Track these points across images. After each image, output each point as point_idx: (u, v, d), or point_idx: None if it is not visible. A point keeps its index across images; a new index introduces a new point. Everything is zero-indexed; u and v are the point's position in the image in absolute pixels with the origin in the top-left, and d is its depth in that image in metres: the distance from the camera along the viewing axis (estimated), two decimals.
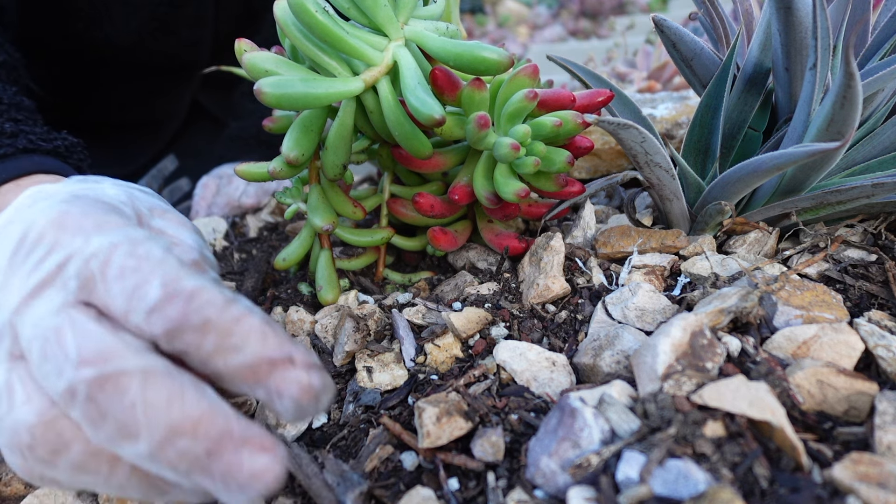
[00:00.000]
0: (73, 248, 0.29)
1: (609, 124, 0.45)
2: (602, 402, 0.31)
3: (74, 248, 0.29)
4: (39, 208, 0.32)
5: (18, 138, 0.46)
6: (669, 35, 0.53)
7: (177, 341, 0.28)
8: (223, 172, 0.87)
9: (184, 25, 0.93)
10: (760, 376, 0.33)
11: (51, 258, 0.29)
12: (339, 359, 0.44)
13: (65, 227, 0.30)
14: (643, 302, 0.42)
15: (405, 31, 0.44)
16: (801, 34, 0.44)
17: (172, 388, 0.27)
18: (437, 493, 0.32)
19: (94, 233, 0.30)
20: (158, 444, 0.26)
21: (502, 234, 0.54)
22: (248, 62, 0.42)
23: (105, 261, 0.29)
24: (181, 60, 0.99)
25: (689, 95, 0.80)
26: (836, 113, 0.38)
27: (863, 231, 0.48)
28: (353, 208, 0.53)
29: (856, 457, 0.27)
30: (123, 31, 0.87)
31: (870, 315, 0.39)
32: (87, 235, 0.30)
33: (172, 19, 0.91)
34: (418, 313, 0.47)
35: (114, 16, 0.86)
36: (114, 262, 0.29)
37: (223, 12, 0.98)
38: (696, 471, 0.27)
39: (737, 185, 0.46)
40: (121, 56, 0.91)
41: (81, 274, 0.29)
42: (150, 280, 0.28)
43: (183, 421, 0.26)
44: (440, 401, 0.35)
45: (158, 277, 0.28)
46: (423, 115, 0.41)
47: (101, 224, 0.31)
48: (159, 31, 0.91)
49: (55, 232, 0.30)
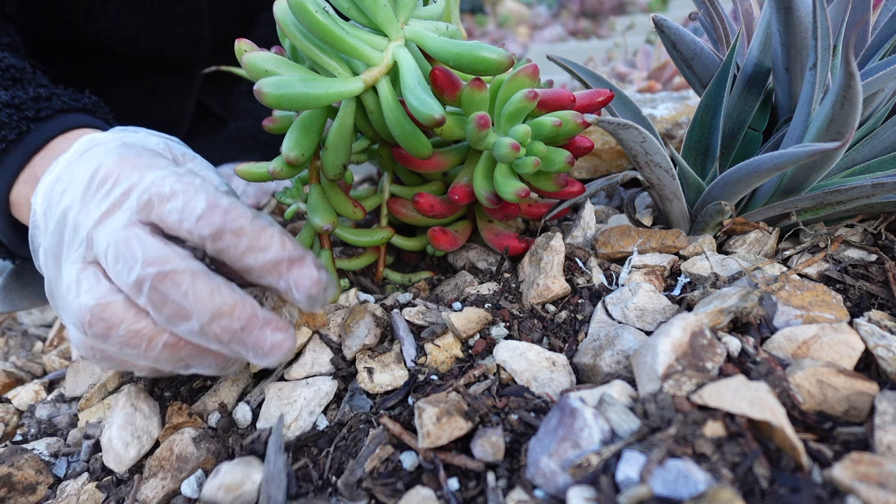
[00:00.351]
0: (132, 181, 0.39)
1: (609, 124, 0.45)
2: (602, 402, 0.31)
3: (133, 181, 0.39)
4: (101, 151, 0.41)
5: (53, 101, 0.53)
6: (669, 35, 0.53)
7: (220, 242, 0.38)
8: (223, 172, 0.87)
9: (178, 21, 0.93)
10: (760, 376, 0.33)
11: (116, 189, 0.39)
12: (352, 352, 0.44)
13: (125, 165, 0.39)
14: (643, 302, 0.42)
15: (405, 31, 0.44)
16: (801, 34, 0.44)
17: (212, 283, 0.37)
18: (437, 493, 0.32)
19: (147, 170, 0.39)
20: (207, 322, 0.36)
21: (502, 234, 0.54)
22: (248, 62, 0.42)
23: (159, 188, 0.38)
24: (179, 59, 0.98)
25: (689, 95, 0.80)
26: (836, 113, 0.38)
27: (863, 231, 0.48)
28: (353, 208, 0.53)
29: (856, 457, 0.27)
30: (117, 24, 0.88)
31: (870, 315, 0.39)
32: (142, 172, 0.39)
33: (165, 14, 0.91)
34: (418, 314, 0.47)
35: (107, 9, 0.86)
36: (165, 188, 0.38)
37: (218, 9, 0.98)
38: (696, 471, 0.27)
39: (737, 185, 0.46)
40: (117, 51, 0.92)
41: (140, 200, 0.38)
42: (196, 197, 0.38)
43: (222, 306, 0.36)
44: (440, 401, 0.35)
45: (203, 195, 0.38)
46: (422, 115, 0.40)
47: (151, 164, 0.40)
48: (153, 27, 0.91)
49: (119, 169, 0.39)
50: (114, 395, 0.48)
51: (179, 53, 0.98)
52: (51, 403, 0.51)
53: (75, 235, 0.39)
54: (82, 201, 0.39)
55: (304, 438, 0.39)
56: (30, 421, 0.50)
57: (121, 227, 0.37)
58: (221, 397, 0.46)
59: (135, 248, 0.36)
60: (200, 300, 0.36)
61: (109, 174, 0.39)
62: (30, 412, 0.51)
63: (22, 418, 0.51)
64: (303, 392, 0.41)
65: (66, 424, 0.49)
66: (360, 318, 0.45)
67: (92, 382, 0.51)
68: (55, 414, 0.50)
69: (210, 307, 0.36)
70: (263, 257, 0.38)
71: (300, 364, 0.44)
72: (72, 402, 0.51)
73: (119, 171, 0.39)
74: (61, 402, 0.51)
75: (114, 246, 0.37)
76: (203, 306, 0.36)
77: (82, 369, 0.52)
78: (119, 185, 0.39)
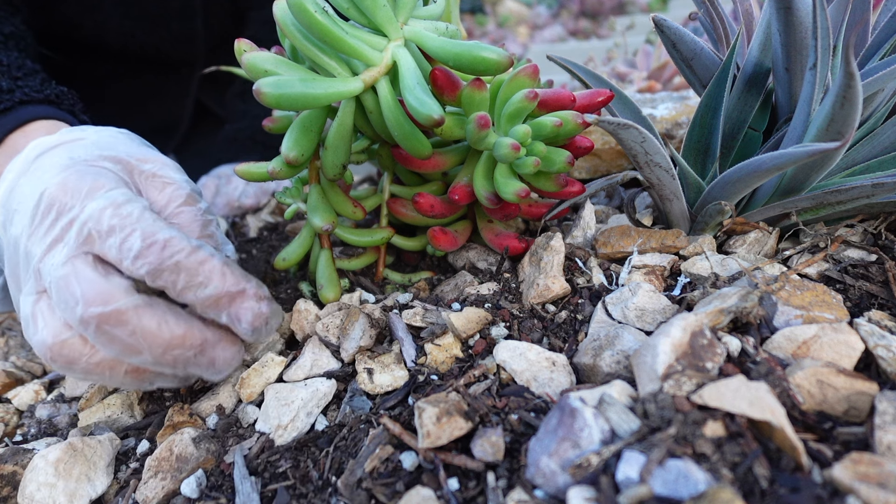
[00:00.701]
0: (74, 213, 0.38)
1: (609, 124, 0.45)
2: (602, 402, 0.31)
3: (75, 213, 0.38)
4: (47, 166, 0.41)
5: (15, 93, 0.53)
6: (669, 35, 0.53)
7: (158, 280, 0.38)
8: (222, 172, 0.87)
9: (172, 18, 0.94)
10: (760, 376, 0.33)
11: (60, 220, 0.39)
12: (349, 354, 0.44)
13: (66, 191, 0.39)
14: (643, 302, 0.42)
15: (405, 31, 0.44)
16: (801, 34, 0.44)
17: (157, 316, 0.37)
18: (437, 494, 0.32)
19: (88, 198, 0.39)
20: (159, 356, 0.38)
21: (502, 234, 0.54)
22: (248, 62, 0.42)
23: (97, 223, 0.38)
24: (176, 57, 0.99)
25: (689, 95, 0.80)
26: (836, 113, 0.38)
27: (863, 231, 0.48)
28: (353, 208, 0.53)
29: (856, 457, 0.27)
30: (111, 20, 0.89)
31: (870, 315, 0.39)
32: (83, 200, 0.39)
33: (160, 11, 0.92)
34: (416, 315, 0.47)
35: (102, 5, 0.87)
36: (103, 223, 0.38)
37: (211, 5, 0.98)
38: (696, 471, 0.27)
39: (737, 185, 0.46)
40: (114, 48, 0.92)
41: (81, 234, 0.38)
42: (133, 235, 0.37)
43: (172, 338, 0.38)
44: (440, 401, 0.35)
45: (138, 231, 0.38)
46: (421, 115, 0.40)
47: (93, 189, 0.39)
48: (148, 23, 0.92)
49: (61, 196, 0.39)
50: (114, 395, 0.48)
51: (176, 51, 0.98)
52: (51, 403, 0.51)
53: (28, 264, 0.40)
54: (30, 230, 0.39)
55: (302, 440, 0.39)
56: (30, 421, 0.50)
57: (60, 264, 0.37)
58: (221, 399, 0.46)
59: (73, 286, 0.36)
60: (149, 336, 0.37)
61: (53, 202, 0.39)
62: (30, 412, 0.51)
63: (22, 418, 0.51)
64: (300, 393, 0.41)
65: (66, 424, 0.49)
66: (354, 320, 0.45)
67: (92, 382, 0.51)
68: (55, 414, 0.50)
69: (160, 342, 0.37)
70: (203, 293, 0.38)
71: (299, 366, 0.44)
72: (72, 402, 0.51)
73: (62, 200, 0.39)
74: (61, 402, 0.51)
75: (55, 284, 0.37)
76: (153, 342, 0.37)
77: None
78: (62, 216, 0.39)
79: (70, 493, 0.39)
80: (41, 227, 0.39)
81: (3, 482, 0.41)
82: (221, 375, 0.42)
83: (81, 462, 0.40)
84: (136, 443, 0.45)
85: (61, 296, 0.37)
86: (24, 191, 0.41)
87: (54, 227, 0.39)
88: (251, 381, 0.44)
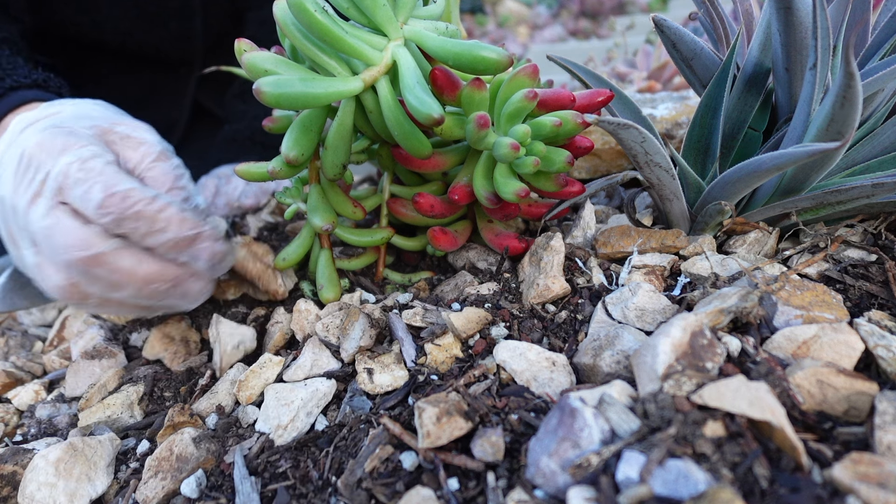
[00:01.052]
0: (48, 168, 0.43)
1: (609, 124, 0.45)
2: (602, 402, 0.31)
3: (49, 168, 0.43)
4: (28, 134, 0.46)
5: (5, 80, 0.58)
6: (669, 35, 0.53)
7: (120, 227, 0.42)
8: (222, 172, 0.87)
9: (170, 17, 0.94)
10: (760, 376, 0.33)
11: (38, 175, 0.43)
12: (349, 354, 0.44)
13: (42, 149, 0.44)
14: (643, 302, 0.42)
15: (404, 30, 0.44)
16: (801, 34, 0.44)
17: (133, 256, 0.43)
18: (437, 493, 0.32)
19: (61, 154, 0.43)
20: (137, 290, 0.44)
21: (502, 234, 0.54)
22: (248, 62, 0.42)
23: (65, 176, 0.42)
24: (173, 56, 0.99)
25: (689, 95, 0.80)
26: (836, 113, 0.38)
27: (863, 231, 0.48)
28: (353, 208, 0.53)
29: (856, 457, 0.27)
30: (109, 17, 0.89)
31: (870, 315, 0.39)
32: (56, 157, 0.43)
33: (158, 10, 0.92)
34: (416, 315, 0.47)
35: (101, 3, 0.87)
36: (70, 176, 0.42)
37: (210, 5, 0.98)
38: (696, 471, 0.27)
39: (737, 185, 0.46)
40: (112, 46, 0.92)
41: (54, 187, 0.42)
42: (94, 186, 0.41)
43: (149, 275, 0.43)
44: (440, 401, 0.35)
45: (100, 183, 0.41)
46: (421, 114, 0.40)
47: (66, 147, 0.43)
48: (147, 21, 0.92)
49: (38, 154, 0.44)
50: (114, 395, 0.48)
51: (174, 50, 0.98)
52: (51, 403, 0.51)
53: (16, 218, 0.45)
54: (13, 186, 0.44)
55: (302, 440, 0.39)
56: (30, 421, 0.50)
57: (42, 216, 0.42)
58: (220, 399, 0.46)
59: (57, 235, 0.41)
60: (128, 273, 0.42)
61: (31, 160, 0.44)
62: (30, 412, 0.51)
63: (22, 418, 0.51)
64: (300, 393, 0.41)
65: (66, 424, 0.49)
66: (354, 320, 0.45)
67: (92, 382, 0.51)
68: (55, 414, 0.50)
69: (138, 278, 0.43)
70: (163, 237, 0.43)
71: (299, 366, 0.44)
72: (72, 402, 0.51)
73: (38, 157, 0.44)
74: (61, 402, 0.51)
75: (40, 234, 0.42)
76: (132, 278, 0.43)
77: (82, 369, 0.52)
78: (39, 171, 0.43)
79: (70, 492, 0.39)
80: (22, 182, 0.44)
81: (3, 482, 0.41)
82: (195, 304, 0.49)
83: (82, 462, 0.40)
84: (136, 443, 0.45)
85: (48, 243, 0.42)
86: (9, 156, 0.46)
87: (33, 182, 0.43)
88: (249, 384, 0.44)
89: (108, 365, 0.53)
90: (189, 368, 0.52)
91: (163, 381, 0.51)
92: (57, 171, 0.42)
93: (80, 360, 0.53)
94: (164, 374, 0.51)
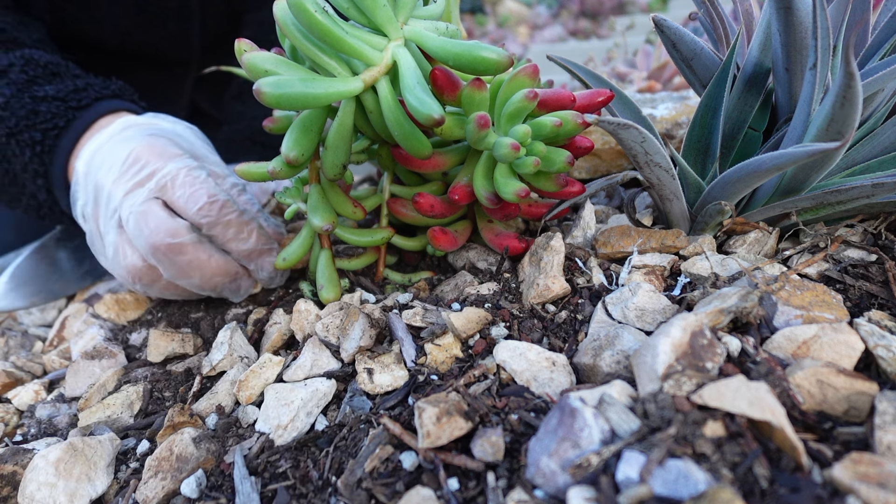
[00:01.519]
0: (156, 166, 0.52)
1: (609, 124, 0.45)
2: (602, 402, 0.31)
3: (157, 167, 0.52)
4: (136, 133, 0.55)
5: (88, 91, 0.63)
6: (669, 35, 0.53)
7: (213, 229, 0.52)
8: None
9: (169, 17, 0.94)
10: (760, 376, 0.33)
11: (143, 171, 0.52)
12: (349, 354, 0.44)
13: (153, 152, 0.53)
14: (643, 302, 0.42)
15: (405, 30, 0.44)
16: (801, 34, 0.44)
17: (207, 251, 0.52)
18: (437, 494, 0.32)
19: (169, 160, 0.53)
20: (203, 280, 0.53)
21: (502, 234, 0.54)
22: (248, 62, 0.42)
23: (174, 177, 0.52)
24: (171, 56, 0.99)
25: (689, 95, 0.80)
26: (836, 113, 0.38)
27: (863, 231, 0.48)
28: (353, 208, 0.53)
29: (856, 457, 0.27)
30: (109, 14, 0.89)
31: (870, 315, 0.39)
32: (165, 160, 0.52)
33: (157, 10, 0.92)
34: (416, 315, 0.47)
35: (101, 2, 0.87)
36: (179, 178, 0.52)
37: (208, 6, 0.99)
38: (696, 471, 0.27)
39: (737, 185, 0.46)
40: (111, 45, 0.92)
41: (159, 183, 0.51)
42: (200, 190, 0.51)
43: (217, 268, 0.53)
44: (440, 401, 0.35)
45: (205, 190, 0.52)
46: (421, 114, 0.40)
47: (173, 155, 0.53)
48: (145, 21, 0.93)
49: (147, 154, 0.53)
50: (114, 395, 0.48)
51: (172, 51, 0.98)
52: (51, 403, 0.51)
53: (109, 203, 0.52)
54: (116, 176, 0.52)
55: (302, 440, 0.39)
56: (30, 421, 0.50)
57: (140, 202, 0.50)
58: (220, 399, 0.46)
59: (150, 220, 0.50)
60: (201, 264, 0.52)
61: (139, 157, 0.52)
62: (30, 412, 0.51)
63: (22, 418, 0.51)
64: (300, 393, 0.41)
65: (66, 424, 0.49)
66: (354, 320, 0.45)
67: (92, 382, 0.51)
68: (55, 414, 0.50)
69: (208, 270, 0.52)
70: (243, 245, 0.54)
71: (299, 366, 0.44)
72: (72, 402, 0.51)
73: (147, 157, 0.52)
74: (61, 402, 0.51)
75: (133, 216, 0.50)
76: (203, 269, 0.52)
77: (82, 369, 0.52)
78: (146, 168, 0.52)
79: (70, 492, 0.39)
80: (126, 174, 0.52)
81: (3, 482, 0.41)
82: (241, 297, 0.58)
83: (82, 462, 0.40)
84: (136, 443, 0.45)
85: (138, 226, 0.50)
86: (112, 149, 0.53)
87: (137, 176, 0.51)
88: (249, 384, 0.44)
89: (107, 365, 0.53)
90: (188, 369, 0.52)
91: (162, 381, 0.51)
92: (166, 171, 0.51)
93: (80, 360, 0.53)
94: (163, 375, 0.51)
